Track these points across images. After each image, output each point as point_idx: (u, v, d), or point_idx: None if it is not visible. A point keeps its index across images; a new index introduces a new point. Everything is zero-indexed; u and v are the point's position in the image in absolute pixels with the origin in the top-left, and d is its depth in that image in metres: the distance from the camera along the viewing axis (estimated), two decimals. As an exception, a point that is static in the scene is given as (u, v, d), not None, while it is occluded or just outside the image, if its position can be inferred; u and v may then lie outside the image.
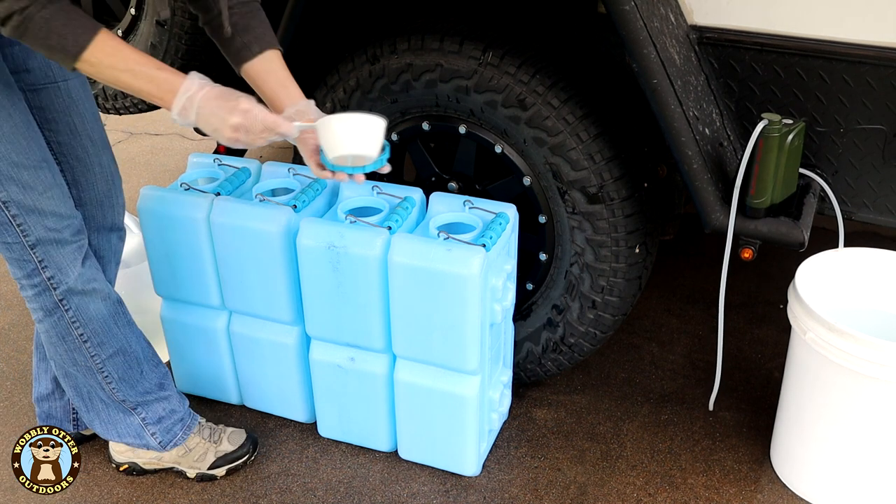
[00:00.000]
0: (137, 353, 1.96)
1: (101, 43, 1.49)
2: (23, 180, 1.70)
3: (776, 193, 1.82)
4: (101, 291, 1.86)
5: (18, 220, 1.72)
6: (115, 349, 1.91)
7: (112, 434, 2.03)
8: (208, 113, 1.57)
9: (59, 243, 1.77)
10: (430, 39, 2.03)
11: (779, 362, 2.37)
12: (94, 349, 1.88)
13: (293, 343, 2.13)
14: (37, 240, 1.74)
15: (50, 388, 2.12)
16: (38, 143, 1.73)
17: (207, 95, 1.56)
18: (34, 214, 1.72)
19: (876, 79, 1.77)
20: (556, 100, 1.95)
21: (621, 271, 2.07)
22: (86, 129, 1.86)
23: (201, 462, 2.07)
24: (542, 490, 2.06)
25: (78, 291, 1.81)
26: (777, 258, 2.85)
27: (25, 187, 1.70)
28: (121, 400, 1.96)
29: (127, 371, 1.94)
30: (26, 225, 1.73)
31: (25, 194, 1.70)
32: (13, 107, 1.68)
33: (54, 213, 1.75)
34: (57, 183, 1.76)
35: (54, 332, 1.86)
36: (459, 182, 2.21)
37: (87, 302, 1.84)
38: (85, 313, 1.84)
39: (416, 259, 1.84)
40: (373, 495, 2.05)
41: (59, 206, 1.76)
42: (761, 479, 2.09)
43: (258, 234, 1.99)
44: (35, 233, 1.74)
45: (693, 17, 1.89)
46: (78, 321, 1.84)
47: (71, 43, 1.47)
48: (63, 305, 1.82)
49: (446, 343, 1.91)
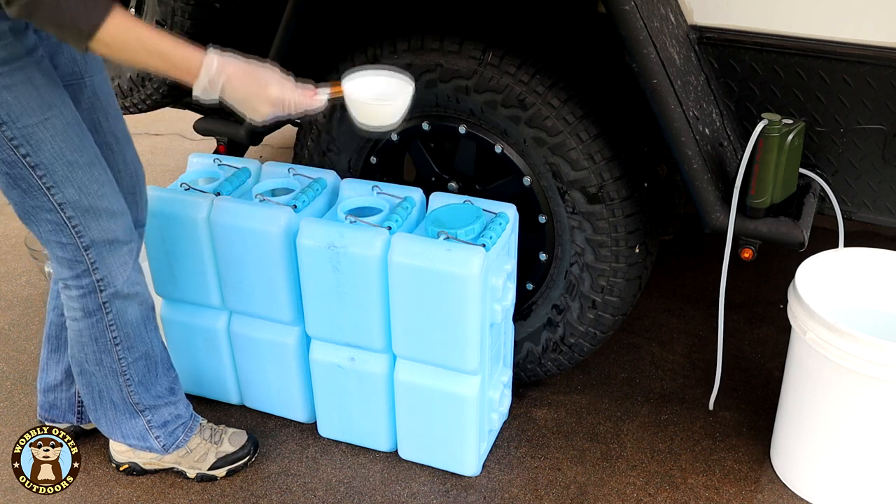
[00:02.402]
0: (157, 357, 1.96)
1: (115, 21, 1.43)
2: (78, 180, 1.68)
3: (776, 193, 1.82)
4: (141, 296, 1.87)
5: (74, 221, 1.71)
6: (140, 353, 1.91)
7: (116, 434, 2.03)
8: (238, 98, 1.56)
9: (112, 244, 1.76)
10: (430, 39, 2.03)
11: (779, 362, 2.37)
12: (124, 353, 1.88)
13: (293, 343, 2.13)
14: (91, 241, 1.73)
15: (59, 379, 2.11)
16: (89, 140, 1.72)
17: (232, 76, 1.54)
18: (89, 215, 1.72)
19: (876, 79, 1.77)
20: (556, 100, 1.95)
21: (621, 271, 2.07)
22: (109, 126, 1.85)
23: (202, 462, 2.07)
24: (542, 490, 2.06)
25: (123, 295, 1.81)
26: (777, 258, 2.84)
27: (81, 188, 1.69)
28: (135, 402, 1.96)
29: (146, 375, 1.94)
30: (82, 226, 1.72)
31: (81, 195, 1.69)
32: (64, 105, 1.66)
33: (108, 210, 1.74)
34: (109, 180, 1.75)
35: (88, 333, 1.85)
36: (459, 182, 2.21)
37: (126, 306, 1.84)
38: (122, 317, 1.84)
39: (416, 259, 1.84)
40: (373, 495, 2.05)
41: (113, 203, 1.75)
42: (761, 479, 2.09)
43: (258, 234, 1.99)
44: (90, 234, 1.73)
45: (693, 17, 1.89)
46: (115, 324, 1.84)
47: (84, 21, 1.42)
48: (105, 308, 1.81)
49: (446, 343, 1.91)
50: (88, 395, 1.99)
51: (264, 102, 1.56)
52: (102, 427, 2.04)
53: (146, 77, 2.24)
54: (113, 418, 2.00)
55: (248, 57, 1.59)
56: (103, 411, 2.00)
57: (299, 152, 2.33)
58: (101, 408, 2.00)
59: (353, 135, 2.21)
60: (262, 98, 1.56)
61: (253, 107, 1.58)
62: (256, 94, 1.55)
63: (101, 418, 2.02)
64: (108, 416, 2.00)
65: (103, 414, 2.01)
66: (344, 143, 2.24)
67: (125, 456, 2.09)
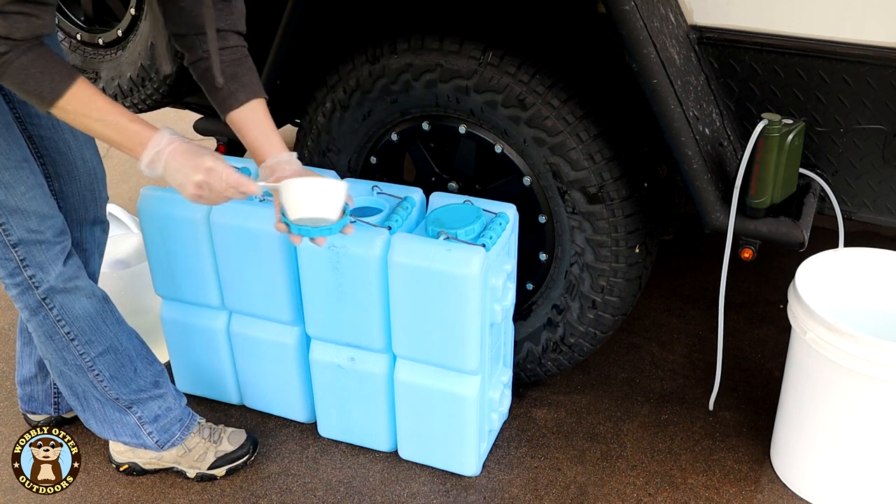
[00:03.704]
0: (129, 350, 1.96)
1: (76, 91, 1.51)
2: (4, 180, 1.71)
3: (776, 193, 1.82)
4: (84, 289, 1.87)
5: (1, 219, 1.73)
6: (104, 347, 1.91)
7: (108, 433, 2.04)
8: (174, 169, 1.57)
9: (41, 244, 1.78)
10: (430, 39, 2.03)
11: (779, 362, 2.37)
12: (83, 347, 1.88)
13: (293, 343, 2.13)
14: (19, 239, 1.76)
15: (33, 372, 2.15)
16: (18, 142, 1.74)
17: (175, 151, 1.57)
18: (16, 215, 1.74)
19: (876, 79, 1.77)
20: (556, 100, 1.95)
21: (621, 271, 2.07)
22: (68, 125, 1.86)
23: (201, 462, 2.07)
24: (542, 490, 2.06)
25: (60, 290, 1.82)
26: (777, 258, 2.84)
27: (7, 187, 1.71)
28: (114, 398, 1.96)
29: (119, 369, 1.94)
30: (8, 225, 1.74)
31: (7, 194, 1.71)
32: None
33: (37, 213, 1.76)
34: (38, 183, 1.77)
35: (41, 331, 1.87)
36: (459, 182, 2.21)
37: (72, 300, 1.84)
38: (70, 312, 1.85)
39: (416, 259, 1.84)
40: (373, 495, 2.05)
41: (42, 206, 1.77)
42: (761, 479, 2.09)
43: (258, 234, 1.99)
44: (17, 233, 1.75)
45: (693, 17, 1.89)
46: (63, 319, 1.85)
47: (47, 90, 1.49)
48: (46, 304, 1.82)
49: (446, 343, 1.91)
50: (73, 398, 2.00)
51: (195, 170, 1.56)
52: (93, 428, 2.05)
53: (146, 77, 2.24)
54: (102, 418, 2.01)
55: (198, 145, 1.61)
56: (91, 412, 2.01)
57: (299, 152, 2.33)
58: (88, 409, 2.01)
59: (353, 135, 2.21)
60: (193, 166, 1.56)
61: (181, 183, 1.58)
62: (186, 175, 1.56)
63: (91, 419, 2.03)
64: (96, 416, 2.01)
65: (92, 415, 2.02)
66: (344, 144, 2.24)
67: (125, 456, 2.09)
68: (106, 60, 2.39)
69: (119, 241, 2.49)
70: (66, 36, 2.45)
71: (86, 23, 2.43)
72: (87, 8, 2.41)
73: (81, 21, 2.44)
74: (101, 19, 2.42)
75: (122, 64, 2.31)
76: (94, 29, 2.41)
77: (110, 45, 2.37)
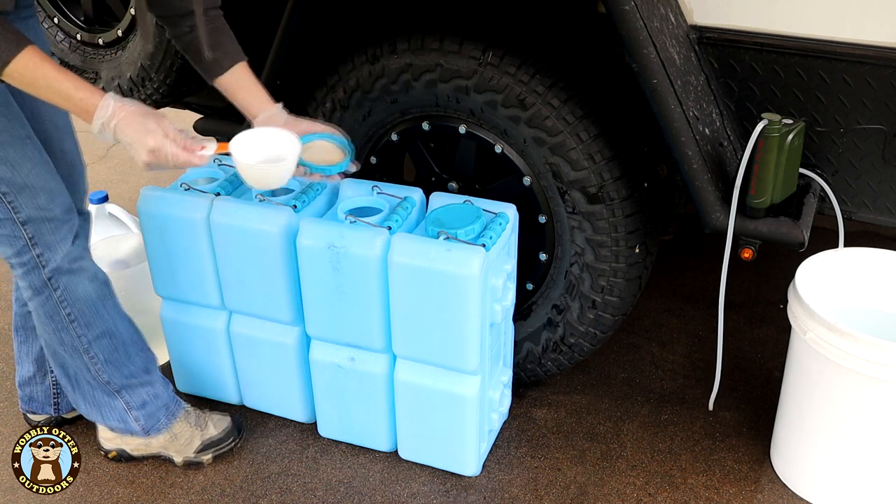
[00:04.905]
0: (124, 336, 1.98)
1: (25, 59, 1.55)
2: (9, 158, 1.72)
3: (776, 193, 1.82)
4: (89, 271, 1.89)
5: (9, 197, 1.74)
6: (101, 330, 1.93)
7: (96, 416, 2.05)
8: (127, 139, 1.63)
9: (50, 222, 1.79)
10: (430, 39, 2.03)
11: (779, 362, 2.37)
12: (81, 329, 1.90)
13: (293, 343, 2.13)
14: (28, 217, 1.77)
15: (31, 372, 2.15)
16: (20, 120, 1.75)
17: (124, 119, 1.62)
18: (25, 192, 1.75)
19: (876, 79, 1.77)
20: (556, 100, 1.95)
21: (621, 271, 2.07)
22: (49, 115, 1.89)
23: (188, 447, 2.10)
24: (542, 490, 2.06)
25: (66, 270, 1.84)
26: (777, 258, 2.84)
27: (13, 165, 1.72)
28: (105, 381, 1.98)
29: (113, 353, 1.96)
30: (17, 203, 1.75)
31: (14, 172, 1.73)
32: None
33: (44, 188, 1.77)
34: (44, 160, 1.79)
35: (42, 312, 1.88)
36: (459, 182, 2.21)
37: (76, 282, 1.86)
38: (73, 293, 1.86)
39: (416, 259, 1.84)
40: (373, 495, 2.05)
41: (49, 182, 1.78)
42: (761, 479, 2.09)
43: (258, 234, 1.99)
44: (26, 210, 1.76)
45: (693, 17, 1.89)
46: (66, 301, 1.86)
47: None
48: (52, 284, 1.84)
49: (446, 343, 1.91)
50: (64, 378, 2.02)
51: (142, 150, 1.63)
52: (81, 408, 2.07)
53: (146, 77, 2.25)
54: (91, 400, 2.03)
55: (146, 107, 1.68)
56: (81, 394, 2.03)
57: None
58: (78, 390, 2.02)
59: (353, 135, 2.20)
60: (141, 145, 1.63)
61: (136, 151, 1.64)
62: (138, 141, 1.62)
63: (79, 400, 2.04)
64: (86, 398, 2.03)
65: (81, 396, 2.03)
66: (344, 143, 2.24)
67: (113, 443, 2.11)
68: (106, 60, 2.39)
69: (119, 241, 2.49)
70: (66, 36, 2.45)
71: (86, 23, 2.43)
72: (87, 8, 2.41)
73: (81, 21, 2.44)
74: (101, 19, 2.42)
75: (122, 64, 2.31)
76: (94, 29, 2.41)
77: (110, 45, 2.37)
